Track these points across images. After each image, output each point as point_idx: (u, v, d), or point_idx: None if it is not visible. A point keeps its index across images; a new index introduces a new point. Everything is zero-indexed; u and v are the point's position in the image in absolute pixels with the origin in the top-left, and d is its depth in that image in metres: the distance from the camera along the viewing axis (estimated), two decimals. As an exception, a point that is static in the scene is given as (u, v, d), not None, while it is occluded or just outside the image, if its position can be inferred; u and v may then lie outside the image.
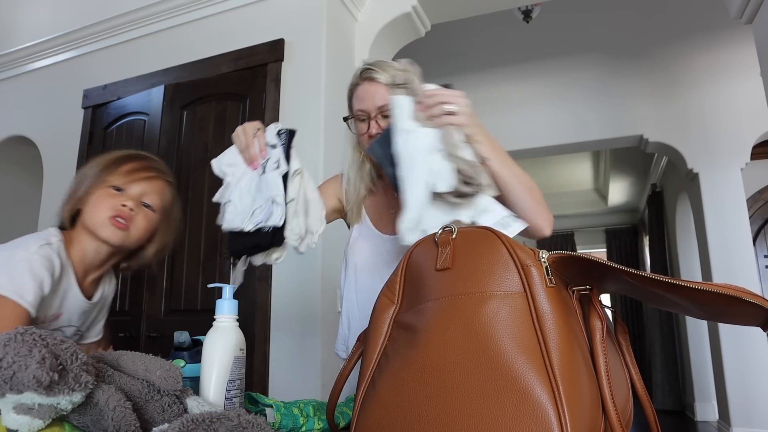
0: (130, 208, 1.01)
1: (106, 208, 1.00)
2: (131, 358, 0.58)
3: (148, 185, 1.04)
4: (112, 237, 1.00)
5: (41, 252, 0.94)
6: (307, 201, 1.00)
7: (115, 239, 1.01)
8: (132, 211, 1.01)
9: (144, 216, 1.04)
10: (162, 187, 1.07)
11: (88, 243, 1.02)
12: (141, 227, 1.03)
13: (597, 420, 0.47)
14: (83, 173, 1.07)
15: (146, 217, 1.04)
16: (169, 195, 1.09)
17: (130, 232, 1.02)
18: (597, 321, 0.52)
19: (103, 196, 1.01)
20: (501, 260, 0.54)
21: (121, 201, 1.01)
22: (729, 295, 0.45)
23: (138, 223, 1.02)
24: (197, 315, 2.43)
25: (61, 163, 3.15)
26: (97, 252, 1.04)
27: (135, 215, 1.02)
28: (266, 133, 1.02)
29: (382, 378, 0.57)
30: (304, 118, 2.48)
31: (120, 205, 1.00)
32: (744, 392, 3.92)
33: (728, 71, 4.15)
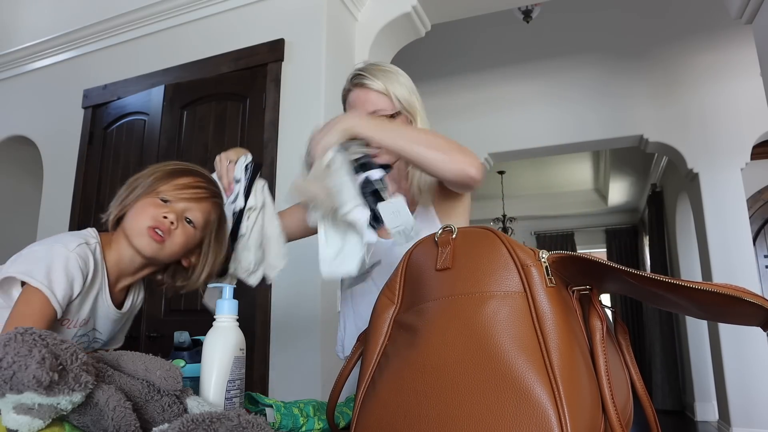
0: (170, 221, 0.98)
1: (147, 217, 0.97)
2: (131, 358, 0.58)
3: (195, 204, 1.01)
4: (145, 248, 0.98)
5: (79, 251, 0.93)
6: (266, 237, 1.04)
7: (148, 250, 0.98)
8: (172, 224, 0.98)
9: (183, 231, 1.00)
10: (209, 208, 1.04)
11: (125, 249, 1.01)
12: (177, 242, 1.00)
13: (597, 420, 0.47)
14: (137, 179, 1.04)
15: (185, 233, 1.01)
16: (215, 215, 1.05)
17: (164, 246, 0.98)
18: (597, 321, 0.52)
19: (148, 205, 0.99)
20: (501, 260, 0.54)
21: (163, 212, 0.98)
22: (729, 295, 0.45)
23: (175, 237, 0.99)
24: (197, 315, 2.43)
25: (61, 163, 3.15)
26: (131, 260, 1.02)
27: (174, 229, 0.99)
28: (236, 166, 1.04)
29: (383, 378, 0.57)
30: (304, 118, 2.48)
31: (161, 216, 0.98)
32: (744, 392, 3.92)
33: (728, 71, 4.15)
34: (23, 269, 0.89)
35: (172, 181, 1.01)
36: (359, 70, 1.17)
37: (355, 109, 1.15)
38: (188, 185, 1.01)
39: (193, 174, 1.04)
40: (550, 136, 4.54)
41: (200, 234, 1.03)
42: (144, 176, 1.03)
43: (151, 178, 1.01)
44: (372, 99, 1.15)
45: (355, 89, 1.16)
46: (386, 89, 1.15)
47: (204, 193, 1.02)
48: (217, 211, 1.06)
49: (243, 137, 2.59)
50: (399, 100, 1.16)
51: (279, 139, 2.50)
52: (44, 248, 0.92)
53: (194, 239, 1.03)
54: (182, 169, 1.04)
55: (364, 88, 1.15)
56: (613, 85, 4.37)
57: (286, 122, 2.52)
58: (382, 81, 1.15)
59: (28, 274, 0.88)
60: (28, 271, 0.88)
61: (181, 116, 2.77)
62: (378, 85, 1.15)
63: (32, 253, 0.92)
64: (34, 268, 0.89)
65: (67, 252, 0.91)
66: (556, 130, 4.53)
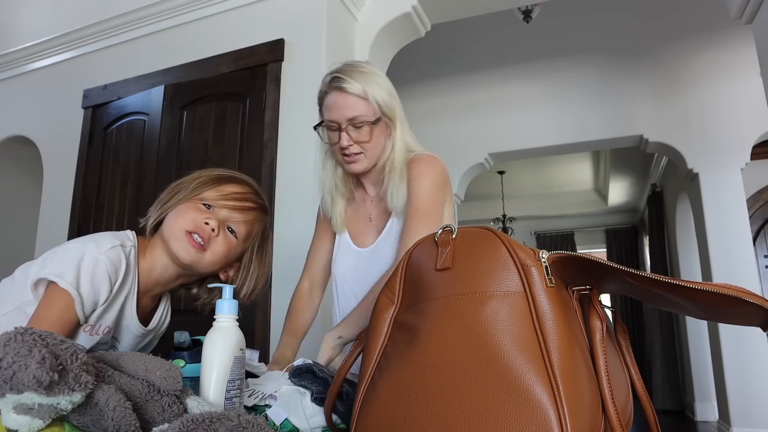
0: (212, 228, 0.92)
1: (187, 220, 0.92)
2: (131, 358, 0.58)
3: (240, 213, 0.95)
4: (182, 253, 0.91)
5: (111, 254, 0.88)
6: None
7: (186, 257, 0.91)
8: (213, 231, 0.92)
9: (225, 241, 0.94)
10: (254, 219, 0.98)
11: (161, 256, 0.95)
12: (219, 251, 0.93)
13: (597, 420, 0.48)
14: (180, 183, 0.98)
15: (227, 243, 0.94)
16: (259, 229, 1.00)
17: (204, 254, 0.92)
18: (597, 321, 0.52)
19: (189, 209, 0.93)
20: (501, 260, 0.54)
21: (205, 217, 0.92)
22: (729, 296, 0.45)
23: (216, 246, 0.92)
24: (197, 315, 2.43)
25: (61, 163, 3.15)
26: (165, 269, 0.96)
27: (215, 237, 0.92)
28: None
29: (382, 378, 0.57)
30: (304, 118, 2.48)
31: (203, 222, 0.92)
32: (744, 392, 3.92)
33: (728, 71, 4.15)
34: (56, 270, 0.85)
35: (218, 187, 0.95)
36: (336, 72, 1.13)
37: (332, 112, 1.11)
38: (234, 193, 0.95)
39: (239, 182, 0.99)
40: (550, 136, 4.54)
41: (242, 246, 0.97)
42: (188, 181, 0.97)
43: (195, 183, 0.96)
44: (351, 103, 1.10)
45: (333, 92, 1.12)
46: (365, 93, 1.10)
47: (250, 203, 0.97)
48: (262, 224, 1.00)
49: (243, 137, 2.59)
50: (378, 105, 1.12)
51: (279, 139, 2.50)
52: (78, 246, 0.87)
53: (236, 250, 0.96)
54: (229, 176, 0.99)
55: (343, 92, 1.10)
56: (613, 85, 4.37)
57: (286, 122, 2.52)
58: (361, 84, 1.10)
59: (59, 275, 0.84)
60: (60, 272, 0.84)
61: (181, 116, 2.77)
62: (357, 88, 1.10)
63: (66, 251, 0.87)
64: (65, 269, 0.84)
65: (98, 254, 0.86)
66: (556, 130, 4.53)
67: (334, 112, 1.11)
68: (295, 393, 0.75)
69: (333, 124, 1.13)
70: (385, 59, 3.06)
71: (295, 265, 2.43)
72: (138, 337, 1.01)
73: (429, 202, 1.13)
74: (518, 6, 3.45)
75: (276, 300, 2.35)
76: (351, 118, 1.10)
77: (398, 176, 1.15)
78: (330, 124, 1.13)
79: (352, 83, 1.10)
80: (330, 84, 1.13)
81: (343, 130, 1.11)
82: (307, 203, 2.38)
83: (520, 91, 4.63)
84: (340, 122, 1.11)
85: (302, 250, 2.38)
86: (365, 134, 1.13)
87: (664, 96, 4.28)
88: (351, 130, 1.11)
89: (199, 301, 1.05)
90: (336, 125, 1.12)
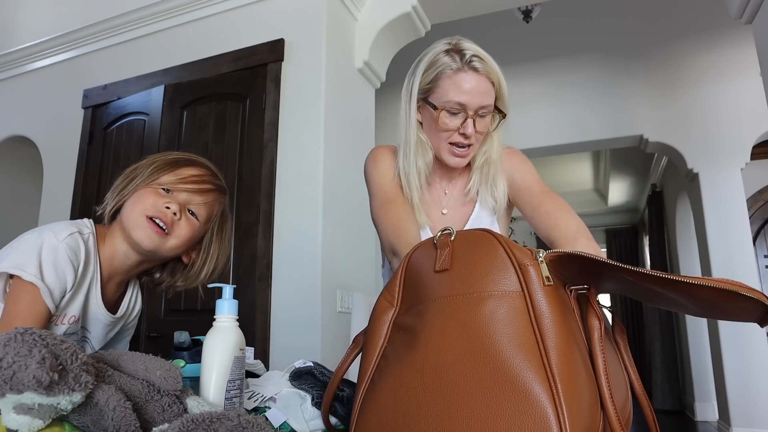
0: (173, 212, 0.90)
1: (147, 205, 0.90)
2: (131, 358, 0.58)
3: (199, 196, 0.94)
4: (145, 240, 0.90)
5: (69, 241, 0.86)
6: None
7: (148, 244, 0.90)
8: (175, 215, 0.91)
9: (188, 224, 0.93)
10: (214, 200, 0.97)
11: (120, 244, 0.93)
12: (183, 235, 0.92)
13: (596, 418, 0.48)
14: (135, 168, 0.96)
15: (190, 226, 0.93)
16: (219, 210, 0.98)
17: (168, 239, 0.91)
18: (595, 320, 0.52)
19: (148, 194, 0.91)
20: (498, 260, 0.54)
21: (165, 202, 0.90)
22: (725, 290, 0.44)
23: (179, 230, 0.92)
24: (197, 315, 2.43)
25: (61, 163, 3.15)
26: (126, 256, 0.94)
27: (178, 221, 0.91)
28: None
29: (382, 379, 0.57)
30: (304, 118, 2.48)
31: (164, 206, 0.90)
32: (744, 392, 3.92)
33: (728, 71, 4.15)
34: (15, 263, 0.83)
35: (175, 170, 0.94)
36: (472, 50, 1.00)
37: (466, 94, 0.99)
38: (192, 176, 0.94)
39: (197, 165, 0.97)
40: (550, 136, 4.54)
41: (204, 228, 0.96)
42: (143, 166, 0.96)
43: (152, 168, 0.94)
44: (487, 90, 0.99)
45: (470, 73, 0.99)
46: (500, 81, 1.01)
47: (209, 185, 0.96)
48: (221, 204, 1.00)
49: (243, 137, 2.59)
50: (503, 96, 1.03)
51: (279, 139, 2.50)
52: (34, 237, 0.86)
53: (199, 233, 0.96)
54: (185, 159, 0.97)
55: (480, 76, 0.99)
56: (613, 86, 4.37)
57: (286, 122, 2.52)
58: (495, 70, 1.00)
59: (20, 268, 0.82)
60: (20, 265, 0.83)
61: (181, 116, 2.78)
62: (495, 75, 1.00)
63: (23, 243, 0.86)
64: (25, 260, 0.83)
65: (56, 242, 0.85)
66: (556, 130, 4.53)
67: (468, 94, 0.98)
68: (295, 396, 0.75)
69: (458, 107, 1.00)
70: (385, 59, 3.06)
71: (295, 264, 2.44)
72: (107, 326, 1.00)
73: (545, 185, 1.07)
74: (518, 6, 3.45)
75: (276, 300, 2.35)
76: (484, 106, 1.00)
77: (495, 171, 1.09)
78: (455, 107, 1.00)
79: (492, 68, 1.00)
80: (467, 62, 0.99)
81: (470, 117, 1.00)
82: (308, 203, 2.38)
83: (520, 91, 4.63)
84: (470, 108, 1.00)
85: (302, 251, 2.39)
86: (487, 124, 1.04)
87: (664, 96, 4.28)
88: (478, 120, 1.02)
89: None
90: (462, 110, 1.01)
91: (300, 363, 0.82)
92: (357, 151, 2.66)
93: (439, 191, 1.17)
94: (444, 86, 1.01)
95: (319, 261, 2.30)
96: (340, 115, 2.62)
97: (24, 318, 0.81)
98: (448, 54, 1.01)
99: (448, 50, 1.02)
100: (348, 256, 2.53)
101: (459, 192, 1.17)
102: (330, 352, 2.24)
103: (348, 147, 2.63)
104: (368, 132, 2.90)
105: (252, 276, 2.39)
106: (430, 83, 1.03)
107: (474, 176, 1.12)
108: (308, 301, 2.29)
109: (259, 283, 2.38)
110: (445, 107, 1.01)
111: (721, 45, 4.06)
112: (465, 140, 1.03)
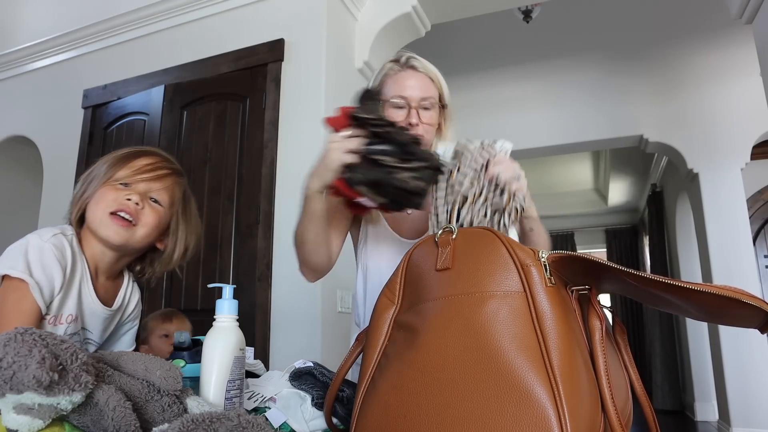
0: (135, 203, 0.93)
1: (108, 201, 0.92)
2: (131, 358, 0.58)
3: (157, 182, 0.96)
4: (113, 237, 0.92)
5: (54, 241, 0.89)
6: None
7: (117, 239, 0.92)
8: (137, 205, 0.93)
9: (153, 211, 0.95)
10: (172, 184, 0.99)
11: (95, 245, 0.96)
12: (150, 222, 0.95)
13: (596, 419, 0.48)
14: (91, 172, 0.99)
15: (155, 212, 0.96)
16: (180, 192, 1.02)
17: (135, 229, 0.93)
18: (596, 321, 0.52)
19: (107, 192, 0.93)
20: (501, 260, 0.54)
21: (125, 195, 0.93)
22: (727, 297, 0.44)
23: (146, 218, 0.94)
24: (197, 315, 2.43)
25: (61, 163, 3.15)
26: (103, 254, 0.97)
27: (141, 210, 0.93)
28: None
29: (383, 378, 0.57)
30: (304, 118, 2.48)
31: (125, 199, 0.92)
32: (744, 392, 3.92)
33: (728, 71, 4.15)
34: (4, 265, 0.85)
35: (129, 164, 0.96)
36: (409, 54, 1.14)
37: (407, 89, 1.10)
38: (146, 165, 0.97)
39: (148, 154, 1.00)
40: (550, 136, 4.54)
41: (169, 212, 0.99)
42: (98, 167, 0.98)
43: (106, 166, 0.97)
44: (424, 84, 1.11)
45: (407, 71, 1.12)
46: (437, 77, 1.13)
47: (164, 171, 0.98)
48: (181, 187, 1.02)
49: (243, 137, 2.59)
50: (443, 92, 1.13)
51: (279, 139, 2.50)
52: (19, 242, 0.89)
53: (165, 218, 0.98)
54: (136, 151, 1.00)
55: (417, 72, 1.11)
56: (613, 85, 4.37)
57: (286, 122, 2.52)
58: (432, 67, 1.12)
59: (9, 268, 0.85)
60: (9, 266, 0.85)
61: (181, 116, 2.78)
62: (430, 70, 1.11)
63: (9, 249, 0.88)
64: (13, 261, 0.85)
65: (41, 243, 0.88)
66: (555, 130, 4.52)
67: (407, 89, 1.10)
68: (295, 396, 0.75)
69: (401, 101, 1.10)
70: (385, 59, 3.05)
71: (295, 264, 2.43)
72: (106, 320, 1.01)
73: None
74: (518, 6, 3.45)
75: (276, 299, 2.35)
76: (424, 98, 1.10)
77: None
78: (397, 101, 1.11)
79: (427, 64, 1.12)
80: (405, 63, 1.13)
81: (413, 108, 1.10)
82: (307, 203, 2.38)
83: (520, 91, 4.63)
84: (411, 100, 1.10)
85: (302, 250, 2.38)
86: (433, 117, 1.13)
87: (664, 96, 4.28)
88: (421, 111, 1.10)
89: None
90: (404, 103, 1.10)
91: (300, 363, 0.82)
92: (357, 151, 2.65)
93: None
94: (388, 84, 1.13)
95: (319, 261, 2.30)
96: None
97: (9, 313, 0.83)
98: (392, 62, 1.16)
99: (393, 60, 1.17)
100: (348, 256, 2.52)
101: None
102: (330, 352, 2.24)
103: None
104: (368, 132, 2.90)
105: (252, 276, 2.39)
106: (378, 86, 1.16)
107: None
108: (308, 301, 2.29)
109: (259, 283, 2.38)
110: (390, 101, 1.11)
111: (721, 45, 4.06)
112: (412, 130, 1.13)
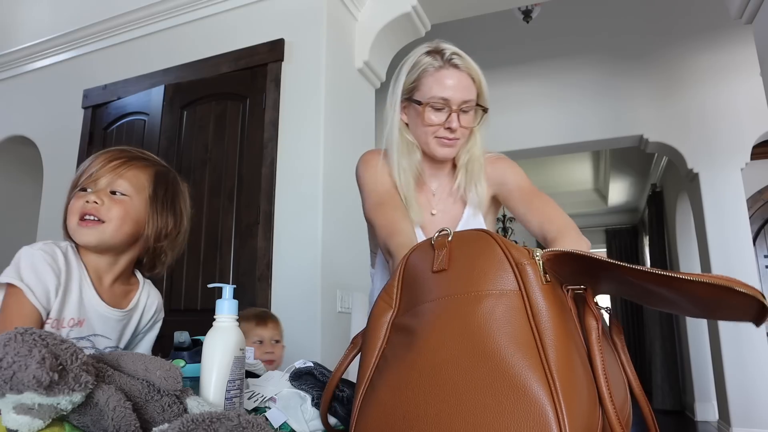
0: (93, 201, 0.93)
1: (74, 211, 0.94)
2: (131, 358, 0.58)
3: (114, 174, 0.96)
4: (86, 239, 0.94)
5: (44, 248, 0.92)
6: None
7: (90, 240, 0.94)
8: (97, 203, 0.93)
9: (115, 202, 0.95)
10: (132, 172, 0.98)
11: (85, 252, 0.98)
12: (115, 214, 0.94)
13: (594, 417, 0.48)
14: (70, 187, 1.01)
15: (119, 203, 0.95)
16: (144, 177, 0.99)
17: (103, 226, 0.93)
18: (592, 320, 0.52)
19: (73, 202, 0.95)
20: (496, 259, 0.54)
21: (84, 199, 0.94)
22: (720, 285, 0.44)
23: (109, 212, 0.94)
24: (197, 315, 2.43)
25: (61, 163, 3.15)
26: (97, 260, 0.98)
27: (101, 206, 0.93)
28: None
29: (381, 380, 0.57)
30: (304, 118, 2.48)
31: (84, 203, 0.94)
32: (744, 392, 3.92)
33: (728, 71, 4.14)
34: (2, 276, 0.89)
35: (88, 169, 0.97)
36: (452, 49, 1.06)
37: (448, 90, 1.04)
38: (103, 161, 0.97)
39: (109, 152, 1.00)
40: (550, 136, 4.54)
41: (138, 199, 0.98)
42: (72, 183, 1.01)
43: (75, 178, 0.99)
44: (467, 85, 1.05)
45: (450, 69, 1.05)
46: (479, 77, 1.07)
47: (120, 160, 0.98)
48: (146, 172, 1.01)
49: (243, 137, 2.59)
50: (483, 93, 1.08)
51: (279, 139, 2.50)
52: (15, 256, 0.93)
53: (134, 207, 0.97)
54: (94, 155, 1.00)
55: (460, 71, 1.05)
56: (613, 86, 4.37)
57: (286, 122, 2.52)
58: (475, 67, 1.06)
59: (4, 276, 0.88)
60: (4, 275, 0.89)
61: (181, 116, 2.78)
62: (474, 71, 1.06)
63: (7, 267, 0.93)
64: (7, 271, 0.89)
65: (31, 250, 0.91)
66: (555, 131, 4.52)
67: (450, 90, 1.04)
68: (295, 396, 0.75)
69: (442, 103, 1.05)
70: (385, 59, 3.07)
71: (295, 264, 2.44)
72: (120, 322, 1.01)
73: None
74: (518, 6, 3.45)
75: (276, 300, 2.35)
76: (466, 100, 1.05)
77: (479, 168, 1.13)
78: (438, 102, 1.05)
79: (469, 62, 1.06)
80: (448, 60, 1.05)
81: (454, 111, 1.05)
82: (308, 203, 2.38)
83: (520, 91, 4.63)
84: (452, 103, 1.05)
85: (302, 251, 2.39)
86: (471, 120, 1.09)
87: (664, 96, 4.28)
88: (462, 115, 1.06)
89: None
90: (446, 105, 1.05)
91: (300, 363, 0.82)
92: (357, 151, 2.64)
93: (428, 192, 1.19)
94: (427, 83, 1.06)
95: (319, 261, 2.31)
96: (340, 115, 2.62)
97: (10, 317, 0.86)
98: (429, 54, 1.07)
99: (429, 51, 1.08)
100: (348, 256, 2.53)
101: (447, 192, 1.19)
102: (330, 352, 2.24)
103: (348, 147, 2.63)
104: (368, 132, 2.90)
105: (252, 276, 2.39)
106: (413, 83, 1.09)
107: (460, 174, 1.15)
108: (308, 301, 2.29)
109: (259, 283, 2.38)
110: (430, 103, 1.05)
111: (721, 45, 4.06)
112: (451, 134, 1.07)
